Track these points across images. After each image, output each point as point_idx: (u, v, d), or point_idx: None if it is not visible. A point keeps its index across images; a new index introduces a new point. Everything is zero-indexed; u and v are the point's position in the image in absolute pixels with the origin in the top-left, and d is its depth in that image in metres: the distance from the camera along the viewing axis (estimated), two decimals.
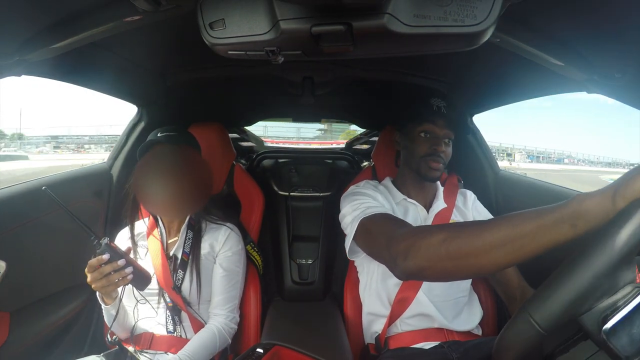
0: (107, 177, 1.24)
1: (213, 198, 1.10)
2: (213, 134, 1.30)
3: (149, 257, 1.01)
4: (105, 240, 0.79)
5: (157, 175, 0.90)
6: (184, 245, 1.02)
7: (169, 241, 1.04)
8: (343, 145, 2.47)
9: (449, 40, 0.48)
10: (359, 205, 0.90)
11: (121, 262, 0.79)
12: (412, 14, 0.44)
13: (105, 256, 0.78)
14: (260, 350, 0.76)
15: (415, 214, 1.01)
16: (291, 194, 1.70)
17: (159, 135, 1.00)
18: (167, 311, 1.00)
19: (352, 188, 1.02)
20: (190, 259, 1.01)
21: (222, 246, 1.05)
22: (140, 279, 0.86)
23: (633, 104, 0.74)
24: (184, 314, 1.00)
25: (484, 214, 1.09)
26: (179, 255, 1.01)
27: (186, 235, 1.03)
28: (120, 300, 0.90)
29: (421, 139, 0.98)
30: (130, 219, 1.05)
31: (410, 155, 1.01)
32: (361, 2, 0.43)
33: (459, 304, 1.00)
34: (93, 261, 0.79)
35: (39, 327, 0.97)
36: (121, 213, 1.26)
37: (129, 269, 0.81)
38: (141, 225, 1.06)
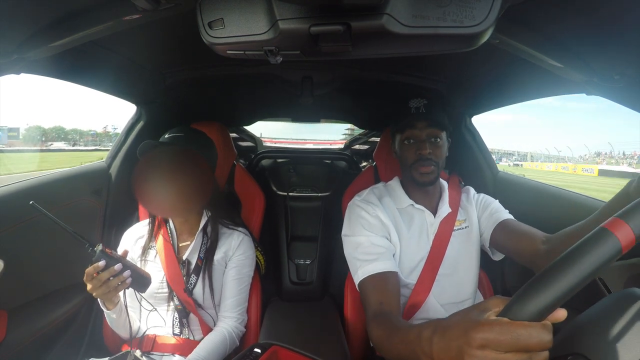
0: (105, 176, 1.24)
1: (217, 199, 1.09)
2: (214, 134, 1.30)
3: (159, 260, 1.00)
4: (99, 247, 0.78)
5: (155, 175, 0.90)
6: (199, 251, 1.01)
7: (181, 245, 1.03)
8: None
9: (447, 41, 0.47)
10: (357, 244, 0.92)
11: (118, 266, 0.78)
12: (411, 15, 0.44)
13: (101, 263, 0.76)
14: (257, 350, 0.75)
15: (421, 220, 1.01)
16: (290, 194, 1.70)
17: (166, 136, 0.99)
18: (175, 313, 0.99)
19: (355, 200, 1.02)
20: (203, 263, 1.00)
21: (236, 251, 1.05)
22: (140, 281, 0.85)
23: (632, 106, 0.74)
24: (192, 317, 1.00)
25: (485, 201, 1.07)
26: (193, 260, 1.00)
27: (202, 241, 1.02)
28: (126, 305, 0.89)
29: (406, 146, 0.97)
30: (150, 217, 1.05)
31: (402, 164, 1.01)
32: (360, 3, 0.43)
33: (465, 305, 1.00)
34: (90, 269, 0.77)
35: (38, 326, 0.96)
36: (120, 212, 1.26)
37: (127, 273, 0.80)
38: (146, 225, 1.06)
